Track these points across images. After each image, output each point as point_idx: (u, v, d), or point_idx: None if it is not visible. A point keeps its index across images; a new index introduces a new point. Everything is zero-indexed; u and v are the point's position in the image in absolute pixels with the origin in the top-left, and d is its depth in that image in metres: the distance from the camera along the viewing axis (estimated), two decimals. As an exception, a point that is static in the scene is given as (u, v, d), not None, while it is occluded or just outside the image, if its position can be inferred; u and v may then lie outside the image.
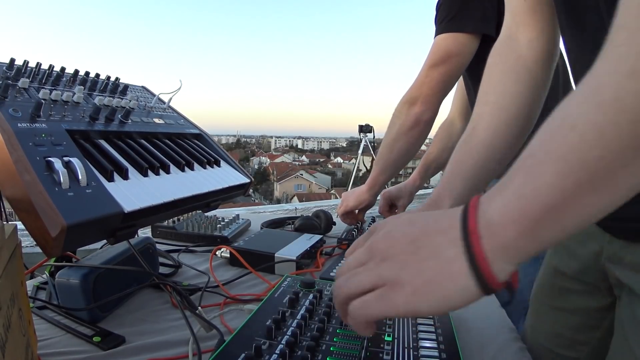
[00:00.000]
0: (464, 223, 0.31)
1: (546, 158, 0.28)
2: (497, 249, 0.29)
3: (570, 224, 0.28)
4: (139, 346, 0.55)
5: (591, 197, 0.27)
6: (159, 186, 0.54)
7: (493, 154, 0.55)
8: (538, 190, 0.27)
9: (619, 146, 0.25)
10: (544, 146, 0.28)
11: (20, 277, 0.43)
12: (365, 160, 4.78)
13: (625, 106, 0.25)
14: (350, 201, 1.08)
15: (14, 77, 0.54)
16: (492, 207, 0.30)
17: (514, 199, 0.29)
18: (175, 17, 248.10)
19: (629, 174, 0.26)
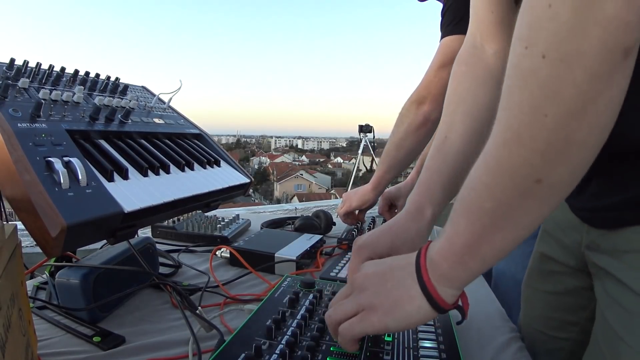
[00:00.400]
0: (417, 261, 0.41)
1: (460, 210, 0.37)
2: (439, 278, 0.39)
3: (488, 256, 0.36)
4: (139, 346, 0.55)
5: (498, 234, 0.35)
6: (159, 186, 0.54)
7: (467, 161, 0.56)
8: (457, 234, 0.37)
9: (504, 197, 0.33)
10: (459, 201, 0.38)
11: (20, 277, 0.43)
12: (365, 160, 4.78)
13: (502, 167, 0.32)
14: (354, 201, 1.07)
15: (14, 77, 0.54)
16: (433, 248, 0.40)
17: (444, 241, 0.39)
18: (175, 17, 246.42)
19: (522, 214, 0.33)
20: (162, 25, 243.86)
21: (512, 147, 0.31)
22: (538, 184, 0.31)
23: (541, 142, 0.29)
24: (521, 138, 0.30)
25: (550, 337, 0.68)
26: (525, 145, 0.30)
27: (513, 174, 0.32)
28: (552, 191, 0.32)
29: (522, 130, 0.30)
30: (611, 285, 0.52)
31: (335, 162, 49.21)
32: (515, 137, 0.31)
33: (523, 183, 0.31)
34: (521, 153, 0.31)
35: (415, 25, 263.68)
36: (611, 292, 0.52)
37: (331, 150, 65.77)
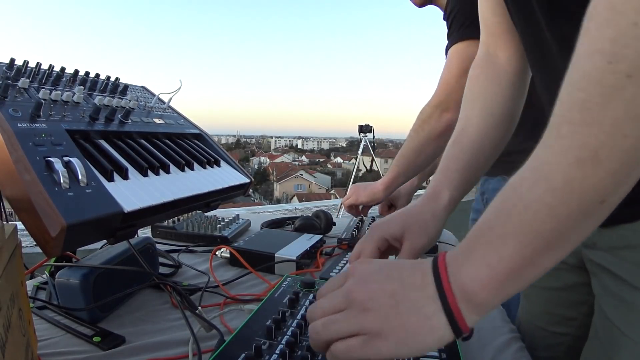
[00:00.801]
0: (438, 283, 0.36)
1: (506, 232, 0.33)
2: (470, 307, 0.35)
3: (530, 278, 0.34)
4: (139, 346, 0.55)
5: (547, 256, 0.32)
6: (159, 186, 0.54)
7: (482, 152, 0.62)
8: (502, 260, 0.33)
9: (567, 219, 0.31)
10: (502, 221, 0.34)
11: (20, 277, 0.43)
12: (365, 160, 4.78)
13: (573, 190, 0.30)
14: (363, 196, 1.07)
15: (14, 77, 0.54)
16: (463, 272, 0.35)
17: (483, 268, 0.34)
18: (175, 17, 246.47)
19: (577, 234, 0.32)
20: (162, 25, 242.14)
21: (587, 168, 0.29)
22: (601, 204, 0.30)
23: (616, 163, 0.28)
24: (599, 159, 0.28)
25: (550, 333, 0.70)
26: (602, 167, 0.29)
27: (583, 195, 0.30)
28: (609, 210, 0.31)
29: (601, 151, 0.28)
30: (608, 280, 0.53)
31: (335, 162, 49.23)
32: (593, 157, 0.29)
33: (590, 204, 0.30)
34: (597, 174, 0.29)
35: (415, 25, 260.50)
36: (609, 287, 0.53)
37: (331, 151, 65.81)
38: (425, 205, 0.58)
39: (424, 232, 0.55)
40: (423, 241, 0.55)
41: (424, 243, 0.55)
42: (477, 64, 0.67)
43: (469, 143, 0.61)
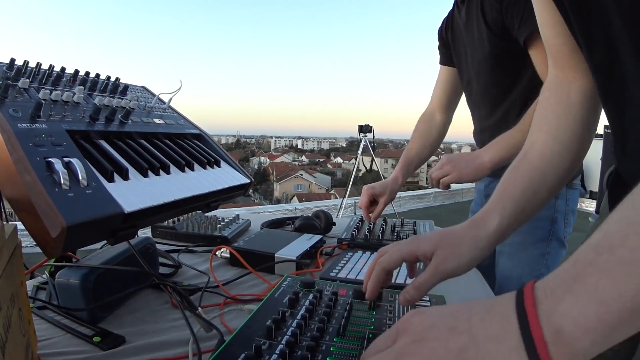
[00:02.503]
0: (524, 328, 0.27)
1: (633, 257, 0.25)
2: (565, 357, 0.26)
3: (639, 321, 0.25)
4: (139, 346, 0.55)
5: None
6: (159, 186, 0.54)
7: (544, 181, 0.55)
8: (623, 296, 0.25)
9: None
10: (630, 241, 0.25)
11: (20, 277, 0.43)
12: (365, 160, 4.78)
13: None
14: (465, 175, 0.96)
15: (14, 78, 0.54)
16: (560, 310, 0.27)
17: (593, 304, 0.26)
18: (175, 17, 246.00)
19: None
20: (162, 25, 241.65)
21: None
22: None
23: None
24: None
25: None
26: None
27: None
28: None
29: None
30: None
31: (335, 162, 49.22)
32: None
33: None
34: None
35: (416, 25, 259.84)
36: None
37: (331, 151, 65.81)
38: (468, 229, 0.52)
39: (455, 256, 0.50)
40: (451, 265, 0.49)
41: (452, 268, 0.49)
42: (547, 86, 0.62)
43: (529, 170, 0.56)
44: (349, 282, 0.70)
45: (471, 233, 0.51)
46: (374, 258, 0.53)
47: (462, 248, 0.50)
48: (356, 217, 1.18)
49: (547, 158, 0.56)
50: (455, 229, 0.53)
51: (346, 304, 0.56)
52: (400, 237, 1.00)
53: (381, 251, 0.53)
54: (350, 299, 0.58)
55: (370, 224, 1.11)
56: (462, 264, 0.49)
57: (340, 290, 0.62)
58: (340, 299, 0.58)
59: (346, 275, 0.76)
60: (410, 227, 1.10)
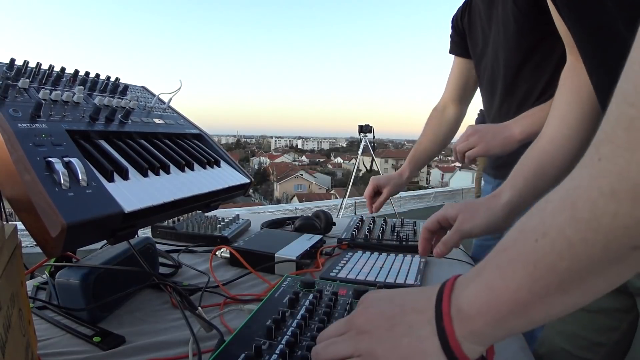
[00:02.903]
0: (438, 306, 0.33)
1: (518, 258, 0.29)
2: (467, 334, 0.31)
3: (537, 318, 0.30)
4: (139, 346, 0.55)
5: (560, 298, 0.28)
6: (159, 186, 0.54)
7: (552, 162, 0.61)
8: (507, 288, 0.29)
9: (588, 260, 0.25)
10: (517, 245, 0.30)
11: (20, 277, 0.43)
12: (365, 160, 4.78)
13: (600, 226, 0.24)
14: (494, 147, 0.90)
15: (14, 77, 0.54)
16: (464, 294, 0.32)
17: (484, 290, 0.31)
18: (175, 17, 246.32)
19: (600, 280, 0.27)
20: (162, 25, 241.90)
21: (622, 204, 0.23)
22: (634, 251, 0.24)
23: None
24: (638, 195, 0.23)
25: (575, 357, 0.66)
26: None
27: (611, 237, 0.24)
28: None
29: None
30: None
31: (335, 162, 49.22)
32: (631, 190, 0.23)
33: (618, 249, 0.24)
34: (633, 214, 0.23)
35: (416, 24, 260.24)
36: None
37: (331, 151, 65.82)
38: (485, 200, 0.63)
39: (473, 219, 0.61)
40: (469, 226, 0.61)
41: (469, 228, 0.61)
42: (564, 73, 0.66)
43: (539, 152, 0.63)
44: (349, 282, 0.70)
45: (487, 203, 0.62)
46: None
47: (479, 214, 0.61)
48: (356, 217, 1.18)
49: (556, 141, 0.61)
50: (476, 200, 0.64)
51: (346, 304, 0.56)
52: (400, 237, 1.00)
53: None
54: (350, 299, 0.58)
55: (371, 224, 1.11)
56: (477, 226, 0.60)
57: (340, 290, 0.62)
58: (340, 299, 0.58)
59: (346, 275, 0.76)
60: (411, 227, 1.10)
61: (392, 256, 0.87)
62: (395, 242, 0.99)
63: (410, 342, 0.33)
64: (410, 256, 0.86)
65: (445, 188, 4.27)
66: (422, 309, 0.34)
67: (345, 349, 0.36)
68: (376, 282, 0.72)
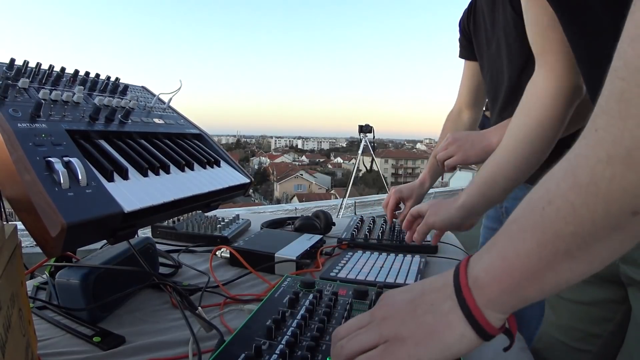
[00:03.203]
0: (456, 280, 0.35)
1: (527, 227, 0.31)
2: (486, 301, 0.33)
3: (548, 286, 0.31)
4: (139, 346, 0.55)
5: (568, 264, 0.30)
6: (159, 186, 0.54)
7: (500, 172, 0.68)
8: (518, 255, 0.31)
9: (591, 225, 0.27)
10: (526, 215, 0.32)
11: (20, 277, 0.43)
12: (365, 160, 4.78)
13: (599, 190, 0.26)
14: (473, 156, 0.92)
15: (14, 77, 0.54)
16: (479, 264, 0.34)
17: (498, 259, 0.33)
18: (175, 17, 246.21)
19: (604, 246, 0.28)
20: (162, 25, 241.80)
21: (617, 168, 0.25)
22: (634, 216, 0.26)
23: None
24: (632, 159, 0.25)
25: (571, 349, 0.67)
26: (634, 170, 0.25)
27: (610, 200, 0.26)
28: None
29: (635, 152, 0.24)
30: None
31: (335, 162, 49.22)
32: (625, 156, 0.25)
33: (618, 214, 0.26)
34: (627, 177, 0.25)
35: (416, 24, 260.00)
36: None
37: (331, 151, 65.82)
38: (448, 200, 0.76)
39: (435, 214, 0.76)
40: (432, 219, 0.76)
41: (433, 220, 0.76)
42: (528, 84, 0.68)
43: (492, 163, 0.70)
44: (349, 282, 0.70)
45: (448, 204, 0.75)
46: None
47: (441, 211, 0.75)
48: (356, 217, 1.18)
49: (504, 153, 0.68)
50: (443, 200, 0.77)
51: (346, 304, 0.56)
52: (400, 237, 1.00)
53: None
54: (350, 299, 0.58)
55: (371, 224, 1.11)
56: (438, 220, 0.75)
57: (340, 290, 0.62)
58: (340, 299, 0.58)
59: (346, 275, 0.76)
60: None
61: (392, 256, 0.87)
62: (395, 242, 0.99)
63: (434, 318, 0.34)
64: (410, 256, 0.86)
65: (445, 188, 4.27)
66: (440, 287, 0.36)
67: (369, 338, 0.36)
68: (376, 282, 0.72)
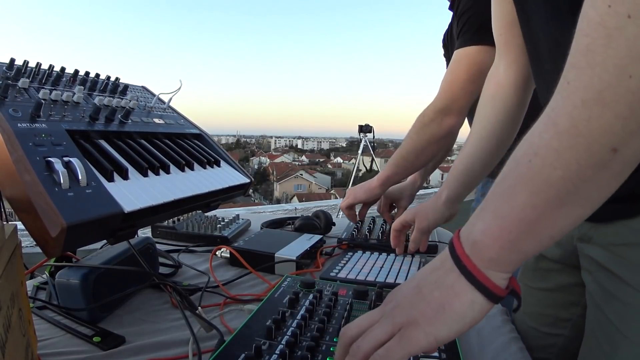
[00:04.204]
0: (453, 252, 0.36)
1: (517, 181, 0.33)
2: (487, 262, 0.34)
3: (545, 235, 0.32)
4: (139, 346, 0.55)
5: (561, 210, 0.31)
6: (159, 186, 0.54)
7: (476, 161, 0.75)
8: (513, 209, 0.32)
9: (577, 166, 0.30)
10: (513, 172, 0.33)
11: (20, 277, 0.43)
12: (365, 160, 4.78)
13: (579, 132, 0.29)
14: (360, 194, 1.03)
15: (14, 77, 0.54)
16: (474, 230, 0.35)
17: (493, 219, 0.34)
18: (175, 17, 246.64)
19: (592, 187, 0.30)
20: (162, 25, 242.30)
21: (592, 109, 0.28)
22: (613, 153, 0.29)
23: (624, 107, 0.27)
24: (604, 99, 0.28)
25: (543, 334, 0.70)
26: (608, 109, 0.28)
27: (590, 139, 0.29)
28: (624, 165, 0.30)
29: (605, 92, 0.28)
30: (605, 278, 0.54)
31: (335, 162, 49.21)
32: (597, 97, 0.28)
33: (599, 151, 0.29)
34: (603, 116, 0.28)
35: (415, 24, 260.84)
36: (606, 286, 0.53)
37: (331, 151, 65.82)
38: (431, 202, 0.80)
39: (425, 218, 0.80)
40: (424, 224, 0.80)
41: (424, 225, 0.80)
42: (488, 77, 0.74)
43: (465, 156, 0.76)
44: (349, 282, 0.70)
45: (433, 204, 0.80)
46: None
47: (429, 213, 0.80)
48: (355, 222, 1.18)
49: (476, 143, 0.74)
50: (425, 203, 0.82)
51: (346, 304, 0.56)
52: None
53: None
54: (350, 299, 0.58)
55: (371, 224, 1.11)
56: (431, 222, 0.80)
57: (340, 290, 0.62)
58: (340, 299, 0.58)
59: (346, 275, 0.76)
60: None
61: (392, 256, 0.87)
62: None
63: (440, 293, 0.35)
64: (410, 256, 0.86)
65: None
66: (440, 265, 0.37)
67: (384, 330, 0.36)
68: (376, 282, 0.72)
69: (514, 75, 0.69)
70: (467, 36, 0.93)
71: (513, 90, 0.69)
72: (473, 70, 0.92)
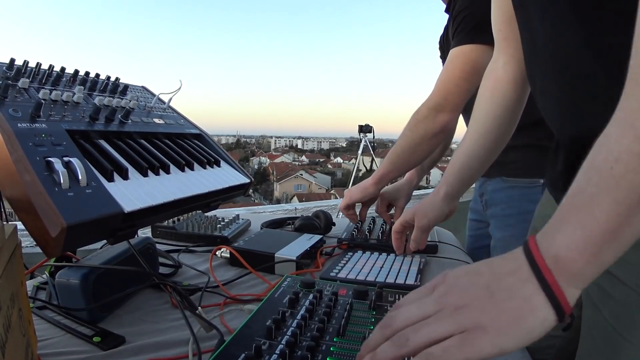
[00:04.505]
0: (531, 262, 0.34)
1: (598, 190, 0.32)
2: (567, 279, 0.33)
3: (625, 243, 0.32)
4: (139, 346, 0.55)
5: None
6: (159, 186, 0.54)
7: (474, 156, 0.76)
8: (597, 219, 0.32)
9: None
10: (593, 180, 0.32)
11: (20, 277, 0.43)
12: (365, 160, 4.78)
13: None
14: (355, 194, 1.05)
15: (14, 77, 0.54)
16: (555, 243, 0.34)
17: (577, 232, 0.33)
18: (175, 17, 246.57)
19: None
20: (162, 25, 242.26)
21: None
22: None
23: None
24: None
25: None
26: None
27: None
28: None
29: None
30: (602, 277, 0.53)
31: (335, 162, 49.21)
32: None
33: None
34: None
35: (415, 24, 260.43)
36: (603, 285, 0.53)
37: (331, 151, 65.82)
38: (429, 198, 0.80)
39: (425, 216, 0.79)
40: (425, 221, 0.79)
41: (424, 223, 0.79)
42: (486, 74, 0.75)
43: (462, 153, 0.76)
44: (349, 282, 0.70)
45: (432, 201, 0.79)
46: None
47: (428, 211, 0.79)
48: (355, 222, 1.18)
49: (474, 139, 0.74)
50: (424, 201, 0.81)
51: (346, 304, 0.56)
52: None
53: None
54: (350, 299, 0.58)
55: (371, 224, 1.11)
56: (430, 220, 0.79)
57: (340, 290, 0.62)
58: (340, 299, 0.58)
59: (346, 275, 0.76)
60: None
61: (392, 256, 0.87)
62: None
63: (516, 304, 0.34)
64: (410, 256, 0.86)
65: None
66: (515, 270, 0.35)
67: (444, 328, 0.34)
68: (376, 282, 0.72)
69: (512, 71, 0.69)
70: (462, 35, 0.94)
71: (512, 86, 0.70)
72: (467, 68, 0.93)
